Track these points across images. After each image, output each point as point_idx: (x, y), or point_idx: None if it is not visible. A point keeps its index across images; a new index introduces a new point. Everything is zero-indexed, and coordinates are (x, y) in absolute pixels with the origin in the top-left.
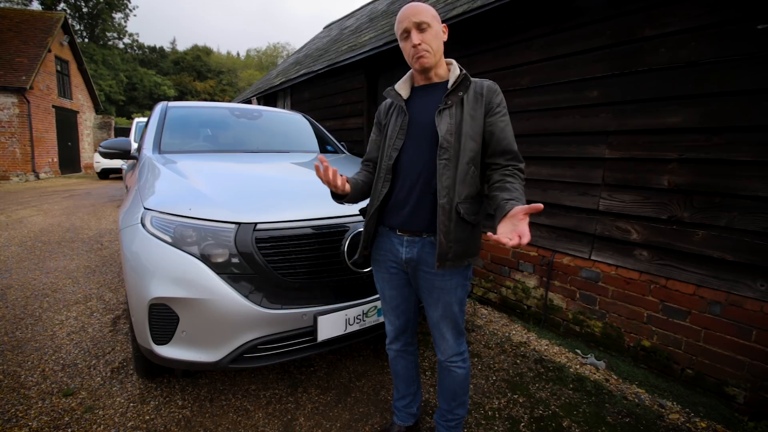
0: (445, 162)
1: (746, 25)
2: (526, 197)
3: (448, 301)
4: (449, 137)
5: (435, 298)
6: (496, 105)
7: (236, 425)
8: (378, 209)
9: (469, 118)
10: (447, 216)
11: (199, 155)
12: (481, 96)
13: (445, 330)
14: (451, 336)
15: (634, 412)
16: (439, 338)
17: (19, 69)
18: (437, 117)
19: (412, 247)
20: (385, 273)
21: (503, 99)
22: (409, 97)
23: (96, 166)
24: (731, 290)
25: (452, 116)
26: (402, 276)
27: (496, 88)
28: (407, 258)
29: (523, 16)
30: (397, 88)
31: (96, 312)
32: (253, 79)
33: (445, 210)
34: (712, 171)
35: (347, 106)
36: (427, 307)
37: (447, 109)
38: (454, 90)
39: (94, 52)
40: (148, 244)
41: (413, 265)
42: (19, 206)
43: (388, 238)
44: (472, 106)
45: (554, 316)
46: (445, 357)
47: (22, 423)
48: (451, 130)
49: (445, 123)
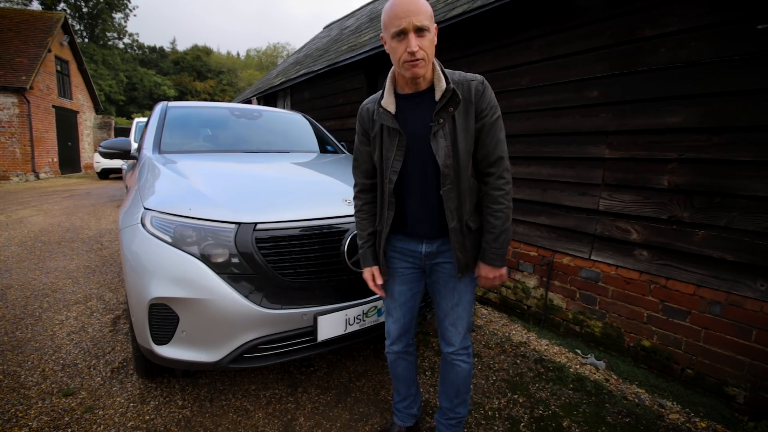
0: (449, 187)
1: (746, 25)
2: (526, 198)
3: (465, 289)
4: (449, 161)
5: (452, 288)
6: (483, 108)
7: (236, 425)
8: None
9: (463, 132)
10: (459, 234)
11: (199, 155)
12: (470, 103)
13: (459, 320)
14: (463, 327)
15: (634, 412)
16: (451, 328)
17: (19, 69)
18: (432, 141)
19: (431, 244)
20: (398, 268)
21: (492, 98)
22: (397, 108)
23: (96, 166)
24: (731, 290)
25: (446, 136)
26: (414, 271)
27: (482, 88)
28: (427, 252)
29: (523, 16)
30: (385, 104)
31: (96, 312)
32: (253, 79)
33: (456, 230)
34: (712, 171)
35: (347, 106)
36: (442, 297)
37: (440, 130)
38: (443, 106)
39: (94, 52)
40: (148, 244)
41: (432, 257)
42: (19, 206)
43: (406, 238)
44: (464, 118)
45: (554, 316)
46: (453, 349)
47: (22, 423)
48: (448, 153)
49: (441, 148)
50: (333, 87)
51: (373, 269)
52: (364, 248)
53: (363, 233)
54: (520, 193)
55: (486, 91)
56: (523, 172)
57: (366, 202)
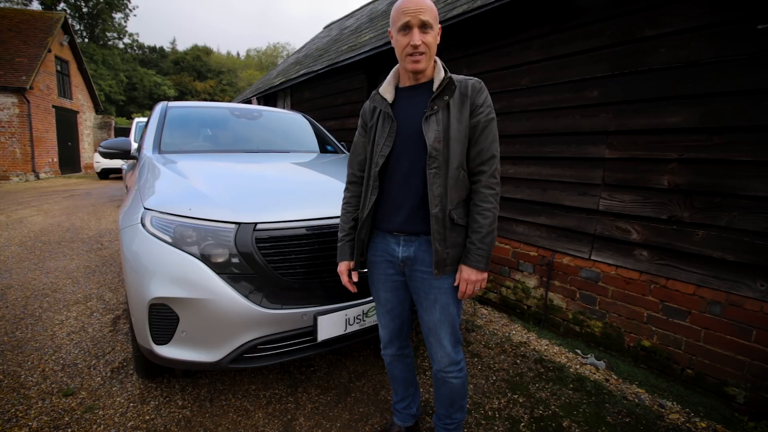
0: (435, 171)
1: (746, 25)
2: (526, 198)
3: (446, 302)
4: (437, 145)
5: (432, 300)
6: (479, 105)
7: (236, 425)
8: (371, 215)
9: (456, 122)
10: (441, 224)
11: (199, 155)
12: (466, 97)
13: (443, 335)
14: (449, 342)
15: (634, 412)
16: (436, 345)
17: (19, 69)
18: (424, 124)
19: (408, 246)
20: (380, 275)
21: (488, 98)
22: (395, 99)
23: (96, 166)
24: (731, 290)
25: (439, 122)
26: (398, 278)
27: (480, 86)
28: (404, 257)
29: (523, 16)
30: (382, 92)
31: (96, 312)
32: (253, 79)
33: (439, 219)
34: (712, 171)
35: (347, 106)
36: (423, 311)
37: (433, 115)
38: (439, 94)
39: (94, 52)
40: (148, 244)
41: (410, 265)
42: (19, 206)
43: (384, 239)
44: (458, 108)
45: (554, 316)
46: (441, 366)
47: (22, 423)
48: (438, 137)
49: (432, 130)
50: (333, 87)
51: (349, 263)
52: (343, 242)
53: (345, 226)
54: (520, 193)
55: (483, 90)
56: (523, 172)
57: (354, 195)
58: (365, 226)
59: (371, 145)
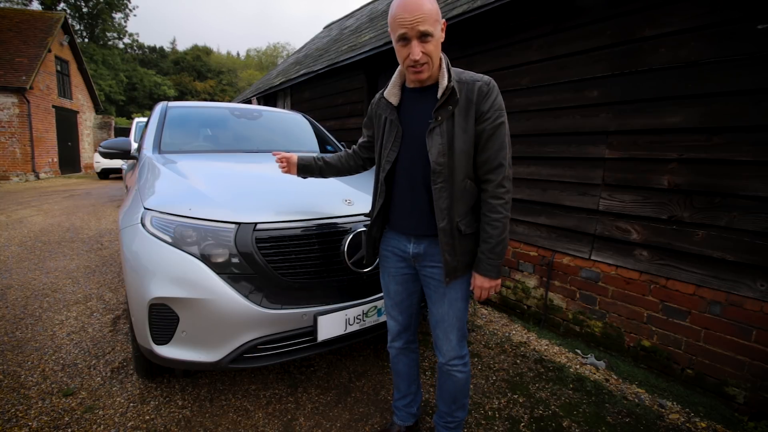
0: (440, 185)
1: (746, 25)
2: (526, 198)
3: (455, 297)
4: (441, 159)
5: (441, 294)
6: (485, 111)
7: (236, 425)
8: (381, 216)
9: (461, 132)
10: (449, 236)
11: (199, 155)
12: (472, 103)
13: (450, 329)
14: (455, 336)
15: (634, 412)
16: (443, 338)
17: (19, 69)
18: (428, 138)
19: (419, 244)
20: (391, 267)
21: (496, 101)
22: (401, 101)
23: (96, 166)
24: (731, 290)
25: (443, 134)
26: (408, 271)
27: (487, 89)
28: (415, 253)
29: (523, 16)
30: (387, 95)
31: (96, 312)
32: (253, 79)
33: (446, 231)
34: (712, 171)
35: (347, 106)
36: (432, 304)
37: (437, 127)
38: (443, 104)
39: (94, 52)
40: (148, 244)
41: (420, 260)
42: (19, 206)
43: (396, 236)
44: (464, 117)
45: (554, 316)
46: (447, 359)
47: (22, 423)
48: (443, 151)
49: (436, 145)
50: (333, 87)
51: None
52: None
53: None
54: (520, 193)
55: (491, 93)
56: (523, 172)
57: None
58: (376, 224)
59: (379, 148)
